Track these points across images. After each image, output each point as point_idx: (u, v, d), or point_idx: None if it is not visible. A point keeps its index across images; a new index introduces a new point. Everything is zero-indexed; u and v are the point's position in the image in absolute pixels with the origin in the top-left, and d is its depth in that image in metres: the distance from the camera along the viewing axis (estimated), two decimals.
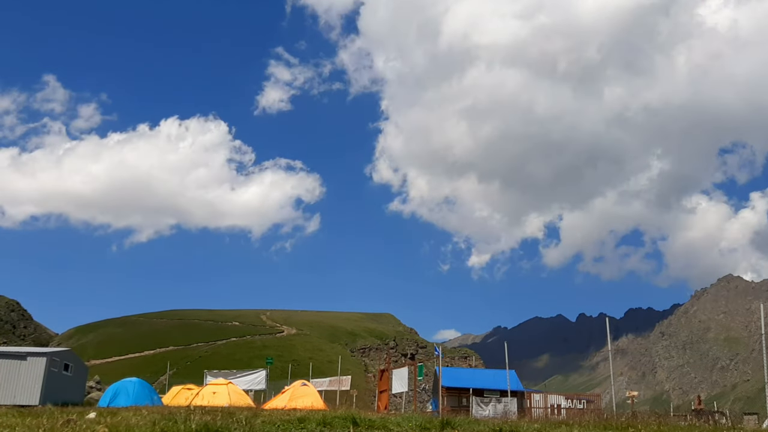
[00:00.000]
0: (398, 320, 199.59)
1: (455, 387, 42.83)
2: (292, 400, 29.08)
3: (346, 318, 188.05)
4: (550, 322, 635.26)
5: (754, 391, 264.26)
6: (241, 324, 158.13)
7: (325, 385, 49.01)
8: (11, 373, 30.53)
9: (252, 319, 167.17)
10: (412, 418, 15.37)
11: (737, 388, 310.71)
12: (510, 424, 15.87)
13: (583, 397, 41.86)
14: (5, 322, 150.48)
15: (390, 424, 14.42)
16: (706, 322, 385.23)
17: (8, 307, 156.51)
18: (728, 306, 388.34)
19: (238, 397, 31.62)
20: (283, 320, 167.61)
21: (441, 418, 16.05)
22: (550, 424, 16.71)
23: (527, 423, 16.53)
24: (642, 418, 20.79)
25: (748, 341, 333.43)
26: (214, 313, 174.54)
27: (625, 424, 16.01)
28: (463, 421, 15.46)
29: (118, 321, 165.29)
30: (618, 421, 17.34)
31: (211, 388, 32.77)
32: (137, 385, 30.36)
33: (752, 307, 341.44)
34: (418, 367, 39.44)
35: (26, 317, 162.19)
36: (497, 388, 41.09)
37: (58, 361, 32.96)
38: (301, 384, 32.28)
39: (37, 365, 30.98)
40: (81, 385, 38.33)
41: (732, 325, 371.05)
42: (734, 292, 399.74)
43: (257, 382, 45.76)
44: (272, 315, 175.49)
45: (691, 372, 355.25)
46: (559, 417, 32.30)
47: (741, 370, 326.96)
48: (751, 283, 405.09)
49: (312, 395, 30.31)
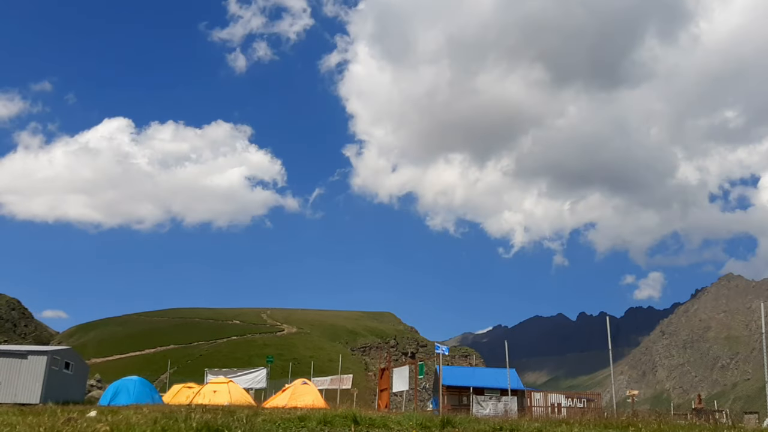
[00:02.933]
0: (399, 319, 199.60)
1: (456, 386, 42.83)
2: (293, 399, 29.05)
3: (347, 316, 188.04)
4: (550, 320, 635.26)
5: (754, 390, 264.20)
6: (242, 322, 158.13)
7: (326, 383, 48.99)
8: (12, 372, 30.52)
9: (252, 317, 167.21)
10: (413, 417, 15.37)
11: (737, 387, 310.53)
12: (510, 422, 15.86)
13: (583, 396, 41.80)
14: (6, 320, 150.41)
15: (390, 423, 14.42)
16: (707, 321, 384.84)
17: (9, 305, 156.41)
18: (729, 305, 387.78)
19: (238, 395, 31.60)
20: (284, 319, 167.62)
21: (441, 416, 16.03)
22: (551, 423, 16.69)
23: (528, 422, 16.51)
24: (642, 417, 20.81)
25: (749, 340, 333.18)
26: (214, 312, 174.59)
27: (625, 423, 16.00)
28: (463, 420, 15.45)
29: (118, 319, 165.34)
30: (618, 420, 17.34)
31: (212, 386, 32.76)
32: (138, 383, 30.35)
33: (753, 305, 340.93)
34: (419, 365, 39.45)
35: (27, 316, 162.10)
36: (498, 387, 41.08)
37: (59, 359, 32.95)
38: (302, 382, 32.25)
39: (37, 364, 30.97)
40: (82, 383, 38.33)
41: (732, 324, 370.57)
42: (735, 291, 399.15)
43: (258, 380, 45.77)
44: (273, 313, 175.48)
45: (691, 371, 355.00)
46: (559, 416, 32.30)
47: (741, 369, 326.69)
48: (752, 282, 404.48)
49: (312, 394, 30.29)
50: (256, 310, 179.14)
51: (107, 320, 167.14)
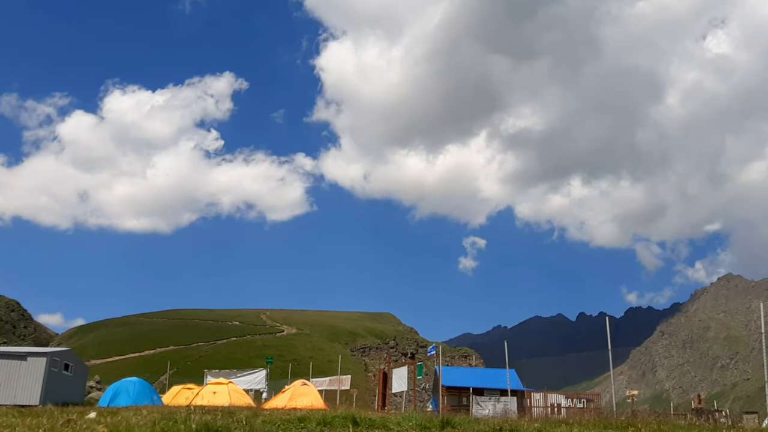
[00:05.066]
0: (398, 319, 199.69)
1: (455, 386, 42.86)
2: (293, 400, 29.06)
3: (346, 317, 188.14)
4: (550, 321, 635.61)
5: (754, 390, 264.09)
6: (242, 324, 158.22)
7: (325, 384, 48.96)
8: (11, 373, 30.48)
9: (252, 318, 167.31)
10: (412, 418, 15.38)
11: (737, 387, 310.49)
12: (510, 423, 15.86)
13: (583, 396, 41.83)
14: (5, 322, 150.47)
15: (390, 424, 14.42)
16: (706, 321, 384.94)
17: (8, 307, 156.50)
18: (728, 305, 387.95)
19: (238, 396, 31.57)
20: (283, 320, 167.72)
21: (441, 417, 16.04)
22: (550, 423, 16.70)
23: (527, 422, 16.52)
24: (642, 417, 20.84)
25: (748, 340, 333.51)
26: (214, 313, 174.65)
27: (625, 423, 16.02)
28: (463, 420, 15.45)
29: (118, 321, 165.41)
30: (618, 420, 17.37)
31: (212, 387, 32.74)
32: (137, 384, 30.30)
33: (752, 305, 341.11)
34: (418, 366, 39.53)
35: (26, 317, 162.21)
36: (497, 387, 41.10)
37: (59, 361, 32.92)
38: (302, 383, 32.27)
39: (37, 365, 30.94)
40: (81, 385, 38.30)
41: (732, 323, 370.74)
42: (734, 291, 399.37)
43: (257, 381, 45.73)
44: (272, 315, 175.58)
45: (691, 371, 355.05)
46: (559, 416, 32.32)
47: (741, 369, 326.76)
48: (751, 281, 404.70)
49: (312, 395, 30.30)
50: (255, 311, 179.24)
51: (107, 321, 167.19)
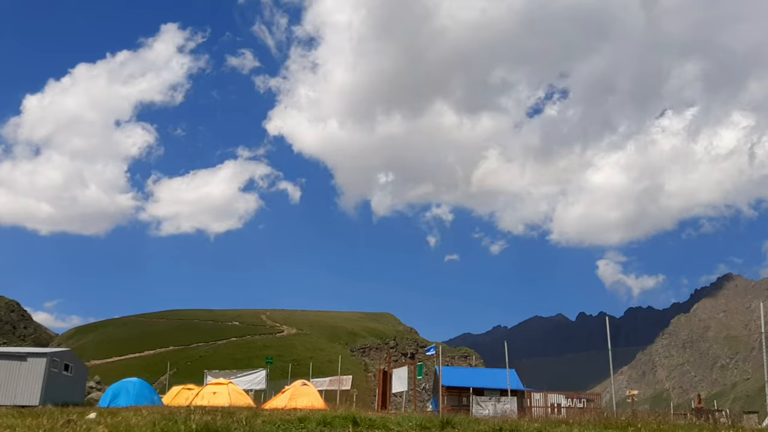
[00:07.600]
0: (398, 320, 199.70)
1: (455, 386, 42.88)
2: (293, 400, 29.05)
3: (346, 318, 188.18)
4: (550, 321, 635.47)
5: (754, 390, 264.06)
6: (241, 324, 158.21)
7: (325, 384, 48.93)
8: (11, 374, 30.49)
9: (252, 318, 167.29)
10: (412, 418, 15.38)
11: (737, 386, 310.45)
12: (510, 423, 15.86)
13: (583, 396, 41.81)
14: (5, 322, 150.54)
15: (390, 424, 14.43)
16: (706, 320, 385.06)
17: (8, 307, 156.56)
18: (728, 305, 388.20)
19: (238, 397, 31.55)
20: (283, 320, 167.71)
21: (441, 417, 16.04)
22: (550, 423, 16.69)
23: (527, 422, 16.50)
24: (642, 417, 20.84)
25: (748, 340, 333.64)
26: (214, 313, 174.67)
27: (625, 423, 16.01)
28: (463, 421, 15.45)
29: (118, 321, 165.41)
30: (618, 420, 17.35)
31: (212, 388, 32.71)
32: (137, 385, 30.28)
33: (752, 305, 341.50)
34: (418, 366, 39.49)
35: (26, 318, 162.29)
36: (497, 387, 41.10)
37: (59, 361, 32.92)
38: (301, 384, 32.24)
39: (37, 366, 30.94)
40: (81, 385, 38.31)
41: (732, 323, 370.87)
42: (734, 290, 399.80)
43: (257, 381, 45.72)
44: (272, 315, 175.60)
45: (691, 371, 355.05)
46: (559, 416, 32.31)
47: (741, 369, 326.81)
48: (751, 281, 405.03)
49: (312, 395, 30.28)
50: (255, 311, 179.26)
51: (107, 322, 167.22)
